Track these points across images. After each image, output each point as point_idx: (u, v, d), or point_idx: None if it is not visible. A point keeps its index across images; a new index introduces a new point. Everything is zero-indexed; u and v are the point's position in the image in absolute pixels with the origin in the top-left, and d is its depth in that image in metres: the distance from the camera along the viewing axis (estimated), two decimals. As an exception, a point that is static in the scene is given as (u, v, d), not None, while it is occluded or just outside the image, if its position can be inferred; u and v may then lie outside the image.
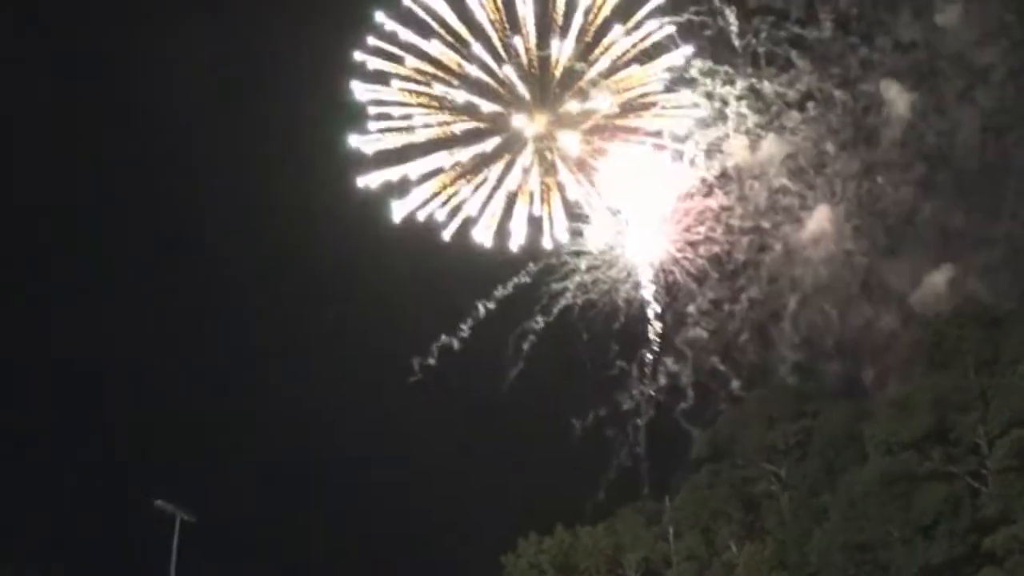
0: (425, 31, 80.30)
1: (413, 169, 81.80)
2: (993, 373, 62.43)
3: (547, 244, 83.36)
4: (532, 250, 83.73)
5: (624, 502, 79.50)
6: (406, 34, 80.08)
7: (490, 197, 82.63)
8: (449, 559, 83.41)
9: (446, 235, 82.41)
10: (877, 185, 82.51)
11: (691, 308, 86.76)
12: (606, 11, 79.85)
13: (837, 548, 62.32)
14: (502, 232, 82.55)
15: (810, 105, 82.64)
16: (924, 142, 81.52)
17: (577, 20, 79.82)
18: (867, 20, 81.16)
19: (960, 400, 61.76)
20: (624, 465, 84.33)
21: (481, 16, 79.83)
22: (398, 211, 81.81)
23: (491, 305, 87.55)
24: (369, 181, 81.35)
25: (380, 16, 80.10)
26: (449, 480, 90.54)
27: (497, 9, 79.83)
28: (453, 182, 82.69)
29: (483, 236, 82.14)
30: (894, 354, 77.69)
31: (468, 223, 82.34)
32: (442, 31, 79.93)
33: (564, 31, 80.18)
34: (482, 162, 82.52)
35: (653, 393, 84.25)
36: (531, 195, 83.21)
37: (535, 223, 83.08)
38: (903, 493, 59.90)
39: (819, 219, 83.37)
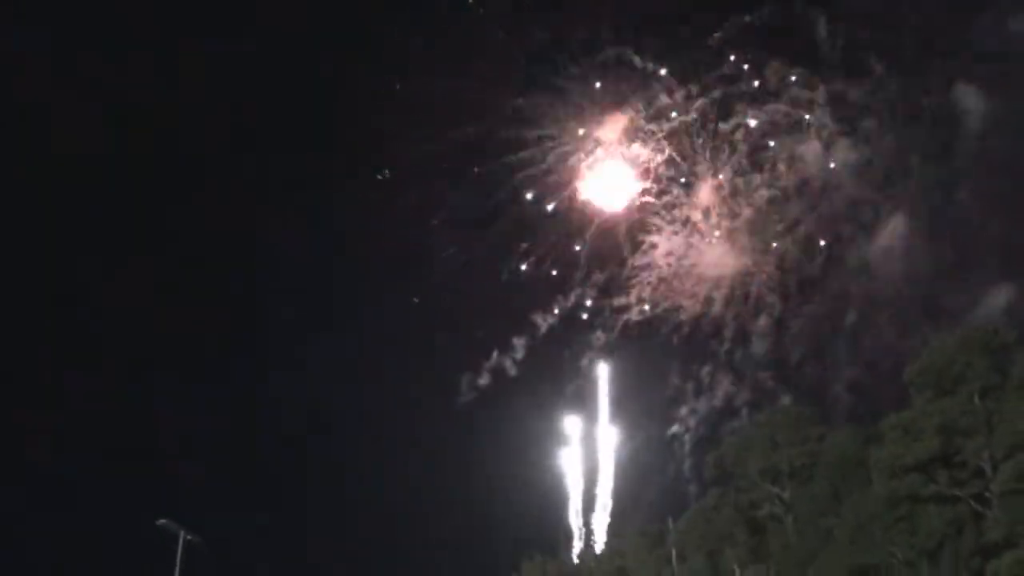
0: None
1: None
2: (999, 398, 62.21)
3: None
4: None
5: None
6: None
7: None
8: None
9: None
10: (948, 198, 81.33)
11: (755, 324, 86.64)
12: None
13: (842, 571, 62.18)
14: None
15: (888, 114, 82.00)
16: (997, 155, 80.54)
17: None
18: (947, 29, 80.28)
19: (966, 424, 61.52)
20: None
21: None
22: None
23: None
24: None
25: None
26: (457, 501, 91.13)
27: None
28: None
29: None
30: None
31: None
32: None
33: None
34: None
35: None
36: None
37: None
38: (908, 516, 59.90)
39: (890, 232, 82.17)
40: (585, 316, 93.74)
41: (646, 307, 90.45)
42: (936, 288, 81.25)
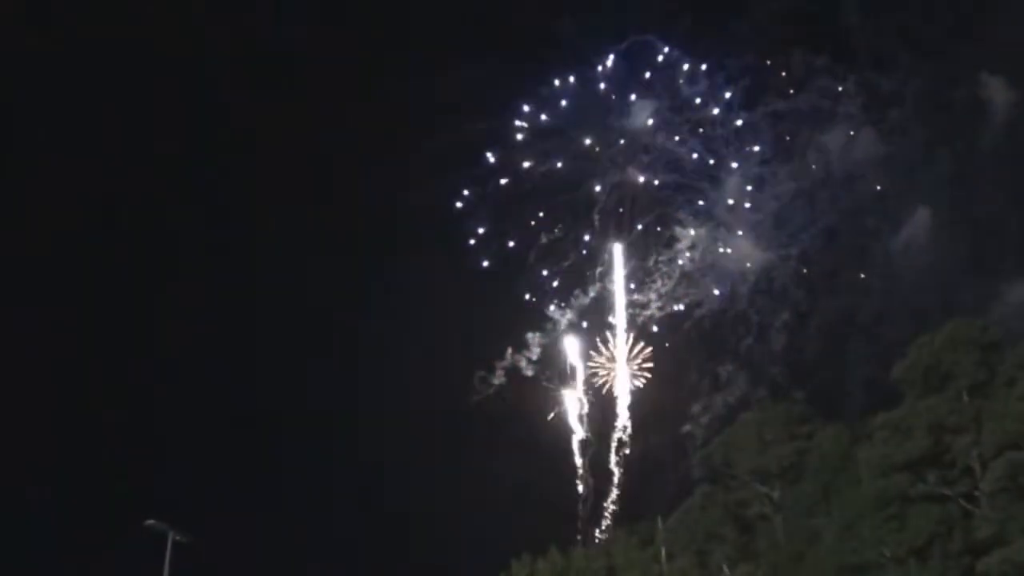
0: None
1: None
2: (987, 396, 62.36)
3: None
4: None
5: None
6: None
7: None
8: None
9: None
10: (971, 192, 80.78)
11: (777, 319, 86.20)
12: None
13: (831, 570, 62.16)
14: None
15: (913, 104, 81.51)
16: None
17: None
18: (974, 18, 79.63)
19: (954, 422, 61.60)
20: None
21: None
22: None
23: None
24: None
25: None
26: (449, 497, 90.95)
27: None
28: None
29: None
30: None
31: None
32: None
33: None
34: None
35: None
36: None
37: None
38: (897, 515, 59.86)
39: (913, 225, 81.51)
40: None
41: (668, 302, 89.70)
42: (955, 282, 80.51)
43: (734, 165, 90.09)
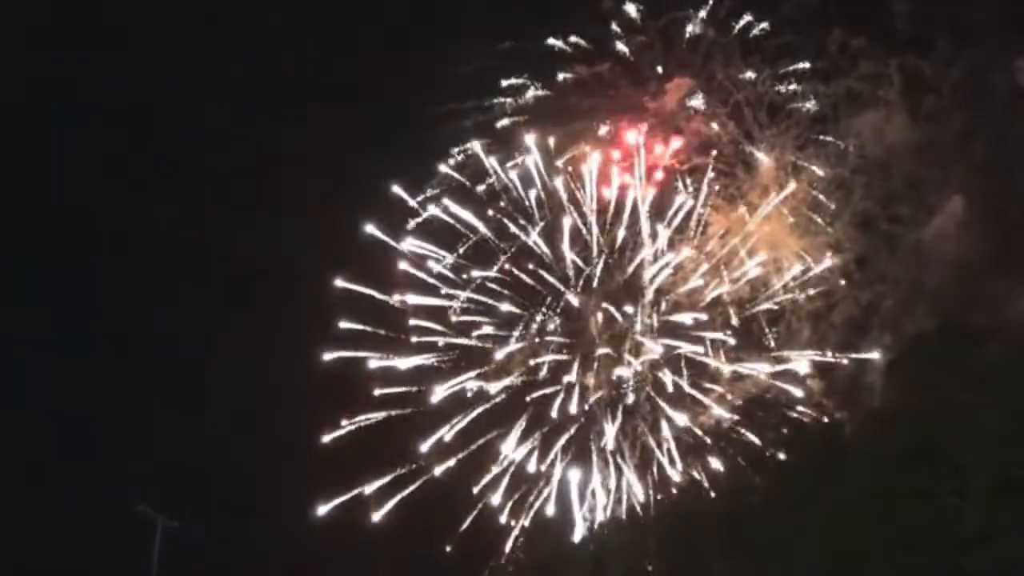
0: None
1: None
2: (978, 390, 62.32)
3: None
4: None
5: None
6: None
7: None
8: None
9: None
10: (1006, 181, 79.79)
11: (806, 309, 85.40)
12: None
13: (817, 564, 62.14)
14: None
15: (950, 90, 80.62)
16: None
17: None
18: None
19: (944, 417, 61.56)
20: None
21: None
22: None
23: None
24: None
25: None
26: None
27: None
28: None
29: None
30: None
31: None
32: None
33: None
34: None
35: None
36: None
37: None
38: (885, 510, 59.81)
39: (944, 217, 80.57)
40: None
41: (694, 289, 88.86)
42: (979, 275, 79.45)
43: (769, 148, 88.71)
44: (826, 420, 78.44)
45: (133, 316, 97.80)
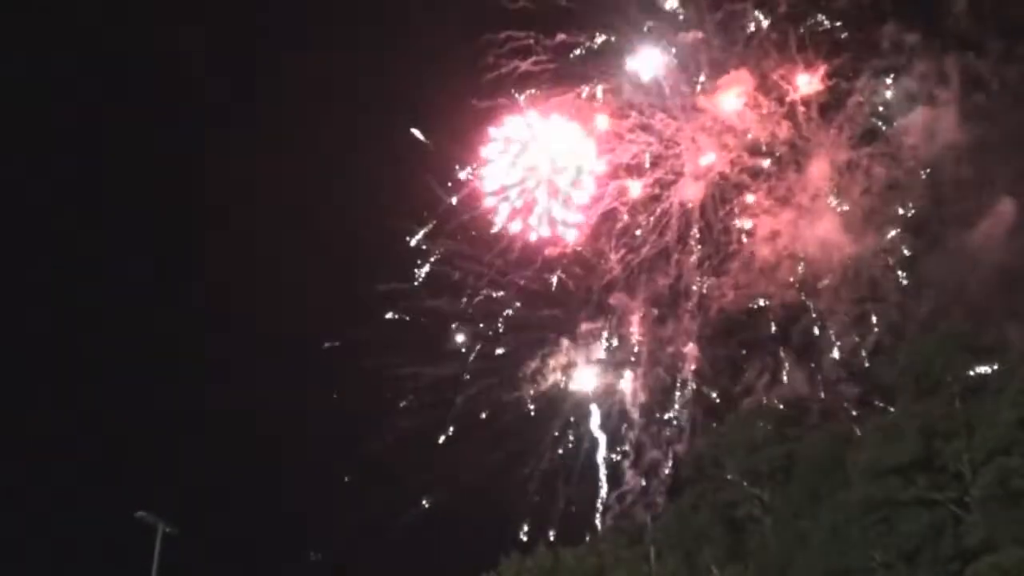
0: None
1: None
2: (979, 401, 62.42)
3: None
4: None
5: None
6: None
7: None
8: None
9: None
10: None
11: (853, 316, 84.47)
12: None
13: (819, 573, 62.16)
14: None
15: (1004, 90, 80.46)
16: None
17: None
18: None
19: (945, 427, 61.55)
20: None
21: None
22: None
23: None
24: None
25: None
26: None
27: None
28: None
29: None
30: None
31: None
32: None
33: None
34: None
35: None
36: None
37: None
38: (886, 519, 59.84)
39: (991, 219, 79.46)
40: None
41: (741, 293, 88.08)
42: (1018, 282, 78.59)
43: (821, 149, 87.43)
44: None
45: (134, 317, 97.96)
